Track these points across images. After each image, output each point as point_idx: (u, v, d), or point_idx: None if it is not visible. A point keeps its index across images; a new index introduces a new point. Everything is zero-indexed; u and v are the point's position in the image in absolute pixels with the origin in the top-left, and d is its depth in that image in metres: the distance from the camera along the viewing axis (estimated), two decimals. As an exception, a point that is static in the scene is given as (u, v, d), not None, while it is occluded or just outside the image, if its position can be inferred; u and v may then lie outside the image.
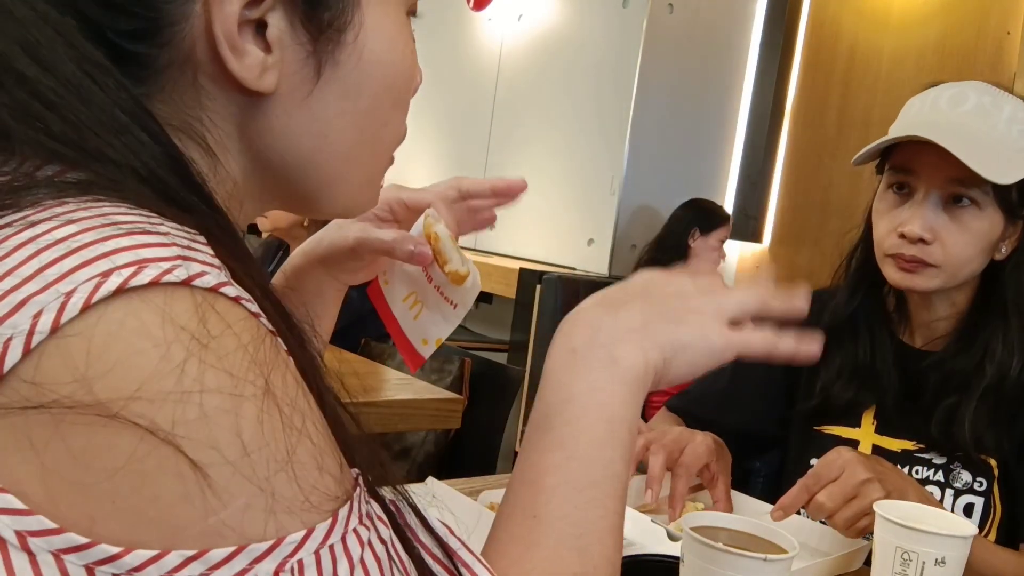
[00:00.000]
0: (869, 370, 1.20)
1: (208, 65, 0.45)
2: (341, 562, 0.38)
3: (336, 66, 0.49)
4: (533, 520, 0.51)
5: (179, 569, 0.34)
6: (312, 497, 0.37)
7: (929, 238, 1.09)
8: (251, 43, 0.45)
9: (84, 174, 0.40)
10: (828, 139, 3.82)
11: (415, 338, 0.78)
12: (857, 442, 1.20)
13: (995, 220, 1.10)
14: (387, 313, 0.79)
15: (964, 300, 1.17)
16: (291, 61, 0.47)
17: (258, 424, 0.36)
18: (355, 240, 0.76)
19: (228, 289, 0.38)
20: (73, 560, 0.33)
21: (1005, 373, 1.10)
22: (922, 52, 3.53)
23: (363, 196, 0.56)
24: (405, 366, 2.09)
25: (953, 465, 1.15)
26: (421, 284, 0.77)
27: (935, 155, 1.06)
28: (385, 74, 0.51)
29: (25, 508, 0.33)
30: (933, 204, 1.10)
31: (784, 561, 0.73)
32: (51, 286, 0.34)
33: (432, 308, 0.77)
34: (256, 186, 0.51)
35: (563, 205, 3.72)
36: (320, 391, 0.42)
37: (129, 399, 0.34)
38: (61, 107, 0.40)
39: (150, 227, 0.38)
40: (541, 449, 0.53)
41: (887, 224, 1.14)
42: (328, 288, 0.80)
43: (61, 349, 0.34)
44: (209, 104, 0.46)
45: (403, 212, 0.78)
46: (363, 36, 0.49)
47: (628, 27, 3.49)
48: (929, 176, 1.10)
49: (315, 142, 0.50)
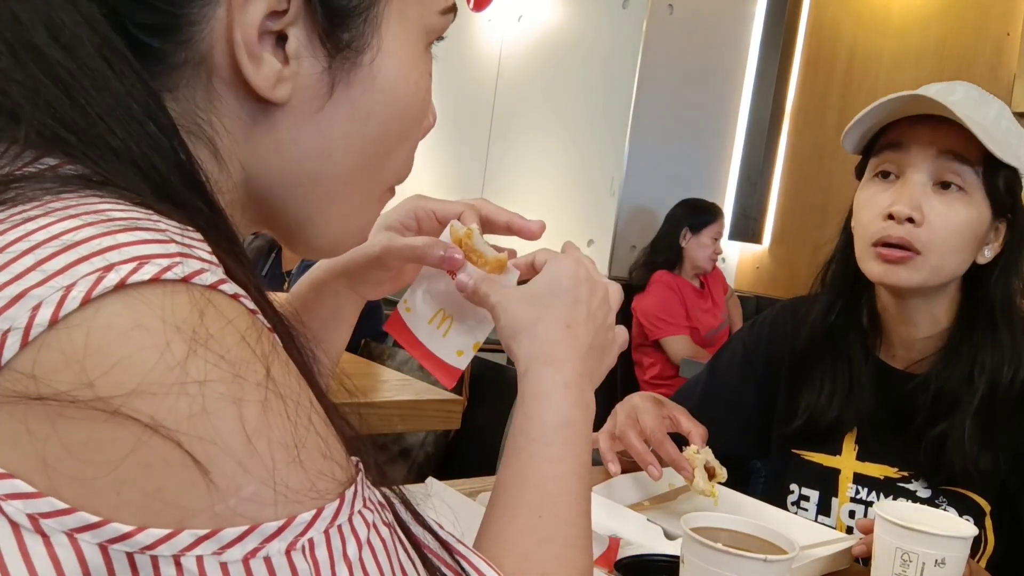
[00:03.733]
0: (848, 392, 1.16)
1: (224, 69, 0.45)
2: (350, 542, 0.39)
3: (349, 86, 0.49)
4: (540, 519, 0.56)
5: (192, 547, 0.34)
6: (319, 483, 0.38)
7: (918, 218, 1.04)
8: (269, 53, 0.46)
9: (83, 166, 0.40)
10: (828, 140, 3.82)
11: (447, 354, 0.77)
12: (839, 470, 1.17)
13: (982, 211, 1.07)
14: (412, 341, 0.78)
15: (945, 315, 1.12)
16: (306, 75, 0.47)
17: (262, 414, 0.36)
18: (382, 248, 0.74)
19: (227, 286, 0.38)
20: (87, 539, 0.33)
21: (997, 382, 1.06)
22: (922, 53, 3.53)
23: (354, 224, 0.56)
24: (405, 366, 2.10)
25: (939, 500, 1.10)
26: (449, 297, 0.76)
27: (928, 130, 1.04)
28: (396, 102, 0.51)
29: (34, 491, 0.33)
30: (921, 184, 1.06)
31: (784, 562, 0.73)
32: (50, 280, 0.34)
33: (463, 318, 0.76)
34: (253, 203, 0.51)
35: (563, 205, 3.73)
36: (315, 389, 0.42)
37: (129, 394, 0.34)
38: (74, 90, 0.40)
39: (149, 224, 0.38)
40: (543, 459, 0.59)
41: (872, 210, 1.09)
42: (347, 302, 0.79)
43: (60, 342, 0.34)
44: (220, 108, 0.47)
45: (429, 222, 0.77)
46: (379, 61, 0.50)
47: (628, 28, 3.50)
48: (921, 149, 1.06)
49: (318, 160, 0.50)
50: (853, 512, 1.15)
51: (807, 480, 1.20)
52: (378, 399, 1.62)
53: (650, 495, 1.15)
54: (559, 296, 0.67)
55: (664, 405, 1.15)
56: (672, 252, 3.24)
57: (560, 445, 0.60)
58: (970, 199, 1.06)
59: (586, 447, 0.62)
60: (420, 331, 0.78)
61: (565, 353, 0.64)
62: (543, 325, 0.65)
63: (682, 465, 1.05)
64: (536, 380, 0.63)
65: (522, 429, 0.61)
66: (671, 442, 1.08)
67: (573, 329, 0.66)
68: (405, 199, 0.78)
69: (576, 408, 0.62)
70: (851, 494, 1.15)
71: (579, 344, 0.65)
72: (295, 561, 0.36)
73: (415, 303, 0.78)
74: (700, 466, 1.04)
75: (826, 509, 1.18)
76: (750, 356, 1.30)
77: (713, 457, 1.07)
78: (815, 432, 1.18)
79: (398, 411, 1.63)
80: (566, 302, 0.66)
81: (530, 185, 3.90)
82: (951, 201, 1.06)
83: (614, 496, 1.08)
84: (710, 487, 1.03)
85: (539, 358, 0.64)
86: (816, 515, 1.18)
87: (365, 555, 0.39)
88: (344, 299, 0.79)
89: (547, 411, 0.61)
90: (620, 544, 0.92)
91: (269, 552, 0.36)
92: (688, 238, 3.22)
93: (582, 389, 0.64)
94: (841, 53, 3.81)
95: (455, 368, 0.77)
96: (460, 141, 4.28)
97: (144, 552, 0.34)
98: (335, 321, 0.80)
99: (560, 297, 0.66)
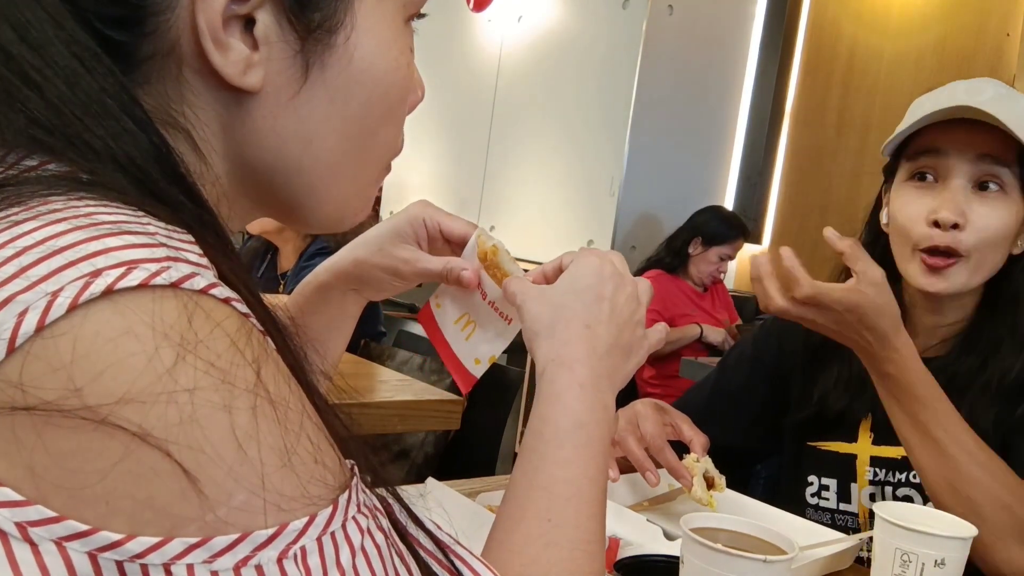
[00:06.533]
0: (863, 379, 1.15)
1: (193, 59, 0.44)
2: (343, 549, 0.38)
3: (324, 68, 0.47)
4: (548, 523, 0.55)
5: (182, 556, 0.34)
6: (311, 488, 0.38)
7: (962, 223, 1.05)
8: (237, 38, 0.44)
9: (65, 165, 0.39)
10: (827, 140, 3.82)
11: (467, 358, 0.78)
12: (855, 456, 1.18)
13: (1019, 207, 1.08)
14: (438, 337, 0.79)
15: (972, 303, 1.14)
16: (278, 60, 0.46)
17: (252, 421, 0.36)
18: (403, 261, 0.75)
19: (218, 291, 0.38)
20: (76, 547, 0.33)
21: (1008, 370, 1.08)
22: (921, 54, 3.53)
23: (349, 208, 0.54)
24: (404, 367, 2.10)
25: None
26: (474, 304, 0.77)
27: (965, 133, 1.05)
28: (376, 81, 0.50)
29: (23, 499, 0.33)
30: (962, 188, 1.07)
31: (784, 562, 0.73)
32: (36, 285, 0.34)
33: (485, 327, 0.77)
34: (241, 191, 0.50)
35: (563, 206, 3.73)
36: (309, 390, 0.42)
37: (117, 403, 0.33)
38: (46, 89, 0.39)
39: (138, 227, 0.37)
40: (554, 461, 0.58)
41: (914, 213, 1.09)
42: (351, 305, 0.80)
43: (47, 350, 0.33)
44: (194, 99, 0.45)
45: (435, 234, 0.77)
46: (354, 40, 0.48)
47: (628, 28, 3.50)
48: (960, 153, 1.06)
49: (300, 147, 0.49)
50: (873, 495, 1.16)
51: (825, 470, 1.20)
52: (377, 399, 1.62)
53: (649, 495, 1.15)
54: (580, 294, 0.66)
55: (666, 412, 1.15)
56: (679, 257, 3.22)
57: (571, 448, 0.59)
58: (1008, 197, 1.08)
59: (601, 449, 0.60)
60: (447, 329, 0.79)
61: (581, 353, 0.63)
62: (562, 325, 0.64)
63: (681, 473, 1.05)
64: (551, 381, 0.62)
65: (535, 431, 0.60)
66: (671, 449, 1.08)
67: (593, 328, 0.64)
68: (412, 203, 0.79)
69: (591, 410, 0.61)
70: (870, 477, 1.16)
71: (598, 344, 0.64)
72: (287, 569, 0.36)
73: (445, 302, 0.79)
74: (699, 475, 1.04)
75: (846, 496, 1.18)
76: (760, 352, 1.31)
77: (713, 467, 1.07)
78: (830, 419, 1.19)
79: (398, 411, 1.63)
80: (586, 300, 0.65)
81: (530, 185, 3.90)
82: (992, 202, 1.07)
83: (614, 496, 1.08)
84: (708, 496, 1.03)
85: (555, 359, 0.63)
86: (837, 503, 1.19)
87: (359, 561, 0.39)
88: (349, 301, 0.79)
89: (560, 413, 0.60)
90: (620, 544, 0.92)
91: (261, 560, 0.35)
92: (698, 248, 3.19)
93: (599, 390, 0.62)
94: (841, 53, 3.81)
95: (471, 375, 0.78)
96: (460, 141, 4.28)
97: (134, 560, 0.33)
98: (339, 322, 0.80)
99: (580, 295, 0.65)
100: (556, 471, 0.58)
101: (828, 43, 3.86)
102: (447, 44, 4.29)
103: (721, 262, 3.22)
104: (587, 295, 0.65)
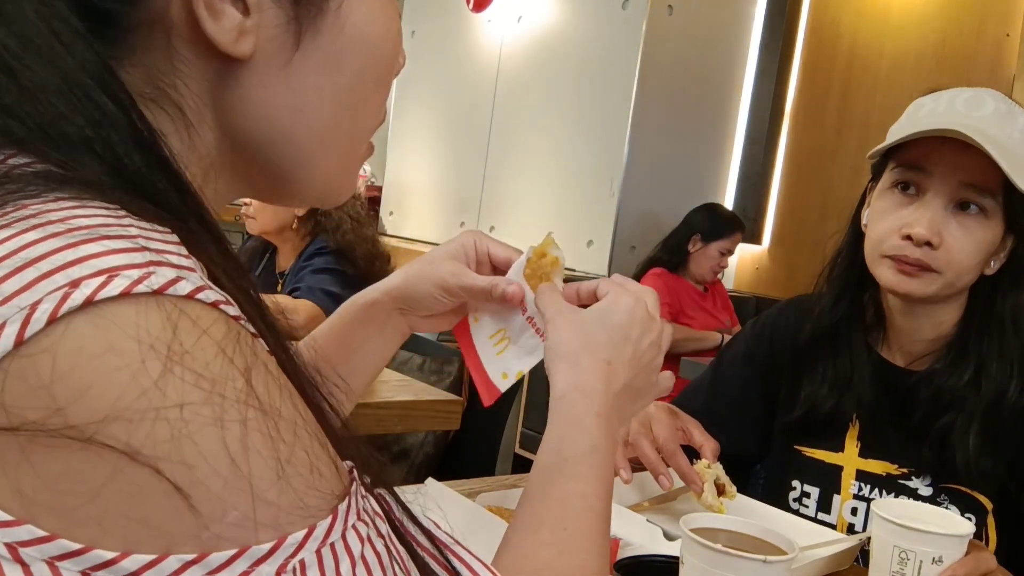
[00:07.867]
0: (848, 383, 1.17)
1: (183, 27, 0.43)
2: (343, 560, 0.37)
3: (316, 35, 0.46)
4: (564, 532, 0.57)
5: (179, 573, 0.33)
6: (308, 499, 0.37)
7: (936, 242, 1.05)
8: (229, 4, 0.43)
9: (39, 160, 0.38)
10: (827, 141, 3.82)
11: (495, 372, 0.80)
12: (841, 467, 1.17)
13: (997, 231, 1.07)
14: (470, 350, 0.81)
15: (950, 320, 1.13)
16: (270, 26, 0.44)
17: (244, 433, 0.35)
18: (450, 274, 0.76)
19: (204, 294, 0.36)
20: (68, 567, 0.32)
21: (1003, 393, 1.07)
22: (921, 54, 3.53)
23: (339, 180, 0.53)
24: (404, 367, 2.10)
25: (941, 498, 1.11)
26: (512, 320, 0.79)
27: (952, 155, 1.04)
28: (368, 49, 0.49)
29: (12, 519, 0.32)
30: (942, 207, 1.06)
31: (784, 563, 0.73)
32: (12, 299, 0.32)
33: (519, 343, 0.79)
34: (229, 164, 0.49)
35: (562, 206, 3.73)
36: (304, 389, 0.41)
37: (103, 421, 0.32)
38: (18, 71, 0.38)
39: (117, 229, 0.36)
40: (569, 476, 0.61)
41: (889, 224, 1.09)
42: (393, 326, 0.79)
43: (26, 368, 0.32)
44: (184, 69, 0.44)
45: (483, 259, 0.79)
46: (347, 5, 0.47)
47: (627, 28, 3.50)
48: (943, 176, 1.06)
49: (291, 116, 0.47)
50: (855, 509, 1.15)
51: (809, 477, 1.20)
52: (377, 399, 1.62)
53: (650, 496, 1.15)
54: (608, 331, 0.67)
55: (678, 416, 1.15)
56: (678, 255, 3.23)
57: (586, 466, 0.61)
58: (988, 221, 1.07)
59: (609, 475, 0.63)
60: (480, 342, 0.81)
61: (600, 386, 0.65)
62: (587, 355, 0.66)
63: (692, 479, 1.05)
64: (571, 406, 0.64)
65: (552, 448, 0.62)
66: (683, 454, 1.08)
67: (613, 367, 0.66)
68: (464, 231, 0.81)
69: (605, 437, 0.64)
70: (854, 491, 1.16)
71: (614, 382, 0.66)
72: None
73: (483, 317, 0.81)
74: (710, 481, 1.04)
75: (826, 506, 1.18)
76: (752, 351, 1.31)
77: (724, 473, 1.07)
78: (815, 423, 1.19)
79: (397, 411, 1.63)
80: (614, 339, 0.67)
81: (530, 185, 3.90)
82: (970, 223, 1.06)
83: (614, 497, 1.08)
84: (719, 503, 1.03)
85: (577, 386, 0.65)
86: (816, 512, 1.19)
87: (359, 572, 0.38)
88: (392, 321, 0.80)
89: (579, 434, 0.63)
90: (620, 545, 0.92)
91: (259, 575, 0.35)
92: (698, 245, 3.20)
93: (610, 422, 0.65)
94: (841, 53, 3.81)
95: (496, 388, 0.80)
96: (460, 141, 4.28)
97: None
98: (376, 342, 0.80)
99: (608, 332, 0.67)
100: (572, 485, 0.60)
101: (828, 43, 3.86)
102: (447, 44, 4.29)
103: (722, 257, 3.24)
104: (616, 333, 0.67)
